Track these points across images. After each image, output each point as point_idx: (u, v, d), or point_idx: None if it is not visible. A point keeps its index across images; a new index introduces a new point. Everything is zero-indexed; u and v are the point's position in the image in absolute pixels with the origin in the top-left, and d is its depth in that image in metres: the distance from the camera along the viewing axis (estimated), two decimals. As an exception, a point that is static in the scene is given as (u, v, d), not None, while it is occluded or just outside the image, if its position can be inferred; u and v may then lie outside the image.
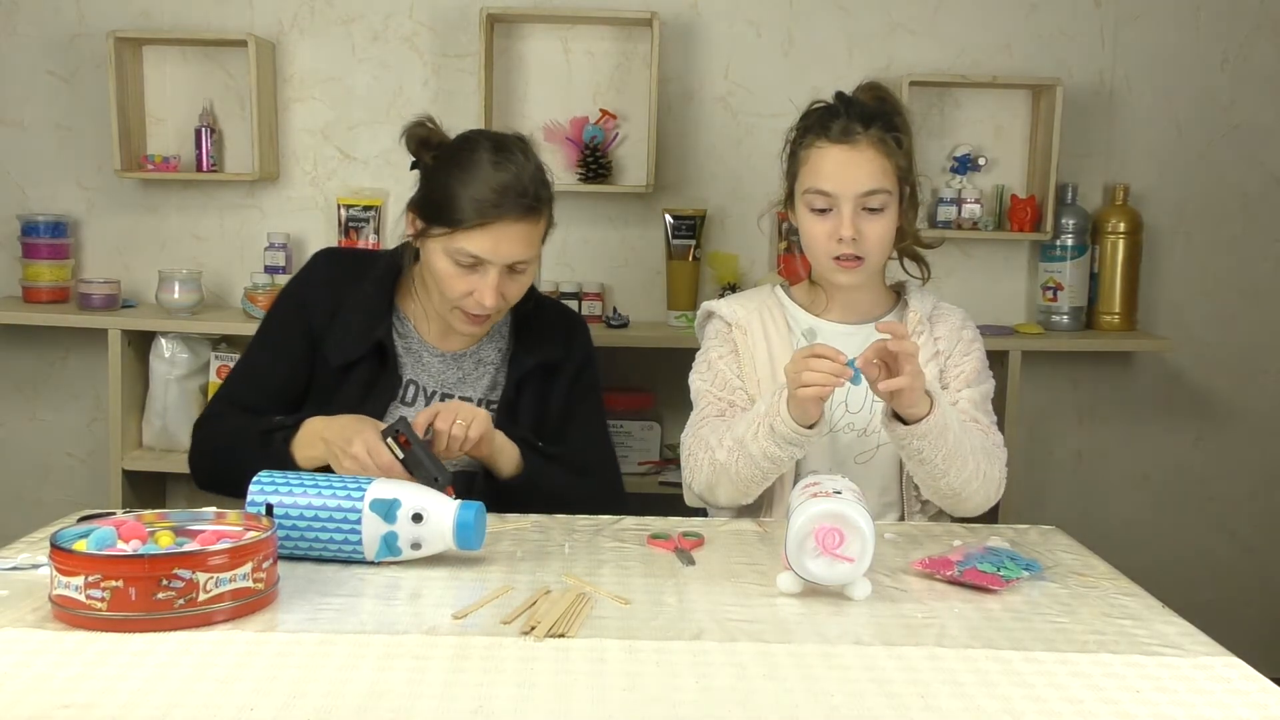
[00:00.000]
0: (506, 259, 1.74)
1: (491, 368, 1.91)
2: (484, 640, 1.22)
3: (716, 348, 1.87)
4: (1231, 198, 3.03)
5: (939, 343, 1.84)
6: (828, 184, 1.74)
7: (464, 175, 1.73)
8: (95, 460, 3.00)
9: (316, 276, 1.91)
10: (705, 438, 1.76)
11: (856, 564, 1.34)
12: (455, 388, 1.88)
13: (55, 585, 1.24)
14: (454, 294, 1.77)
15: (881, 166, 1.74)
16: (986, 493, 1.72)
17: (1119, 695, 1.12)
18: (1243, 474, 3.11)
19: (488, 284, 1.74)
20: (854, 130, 1.74)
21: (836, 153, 1.74)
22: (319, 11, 2.92)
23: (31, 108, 2.94)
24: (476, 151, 1.76)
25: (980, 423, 1.78)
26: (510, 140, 1.80)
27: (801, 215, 1.80)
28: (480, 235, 1.72)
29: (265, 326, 1.94)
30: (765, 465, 1.68)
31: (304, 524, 1.44)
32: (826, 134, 1.76)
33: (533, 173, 1.76)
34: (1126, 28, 2.97)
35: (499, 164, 1.73)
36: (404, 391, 1.86)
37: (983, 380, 1.84)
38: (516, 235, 1.74)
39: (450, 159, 1.77)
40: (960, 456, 1.66)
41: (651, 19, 2.76)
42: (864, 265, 1.77)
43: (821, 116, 1.79)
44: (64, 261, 2.90)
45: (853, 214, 1.73)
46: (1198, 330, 3.06)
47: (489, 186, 1.72)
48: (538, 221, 1.77)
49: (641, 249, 2.98)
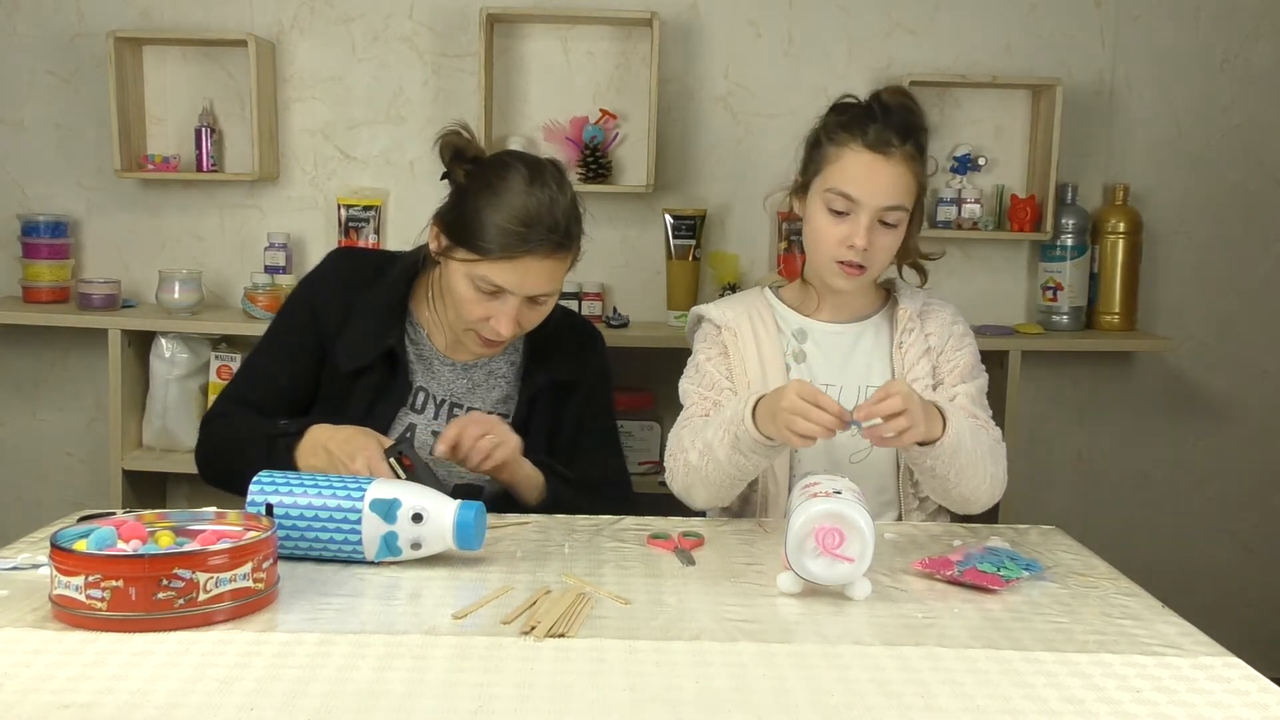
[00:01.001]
0: (530, 292, 1.71)
1: (503, 380, 1.89)
2: (484, 640, 1.22)
3: (705, 350, 1.86)
4: (1231, 198, 3.03)
5: (930, 339, 1.83)
6: (853, 189, 1.71)
7: (496, 201, 1.69)
8: (95, 460, 3.00)
9: (330, 278, 1.88)
10: (683, 439, 1.75)
11: (857, 564, 1.34)
12: (465, 397, 1.86)
13: (55, 585, 1.24)
14: (471, 317, 1.74)
15: (907, 183, 1.72)
16: (993, 493, 1.72)
17: (1119, 695, 1.12)
18: (1243, 474, 3.11)
19: (506, 312, 1.71)
20: (890, 141, 1.71)
21: (869, 160, 1.71)
22: (319, 11, 2.92)
23: (31, 108, 2.94)
24: (510, 178, 1.70)
25: (979, 418, 1.78)
26: (546, 168, 1.75)
27: (815, 211, 1.76)
28: (506, 267, 1.68)
29: (276, 326, 1.91)
30: (732, 471, 1.66)
31: (304, 524, 1.44)
32: (862, 138, 1.71)
33: (566, 207, 1.72)
34: (1126, 28, 2.97)
35: (532, 194, 1.69)
36: (414, 398, 1.84)
37: (977, 374, 1.84)
38: (543, 270, 1.70)
39: (483, 181, 1.72)
40: (973, 466, 1.65)
41: (651, 19, 2.76)
42: (865, 274, 1.76)
43: (859, 117, 1.74)
44: (64, 261, 2.90)
45: (870, 225, 1.71)
46: (1198, 330, 3.06)
47: (520, 219, 1.67)
48: (566, 257, 1.74)
49: (641, 249, 2.98)
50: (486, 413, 1.82)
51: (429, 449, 1.78)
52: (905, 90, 1.82)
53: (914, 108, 1.78)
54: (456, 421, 1.70)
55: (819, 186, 1.75)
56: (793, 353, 1.83)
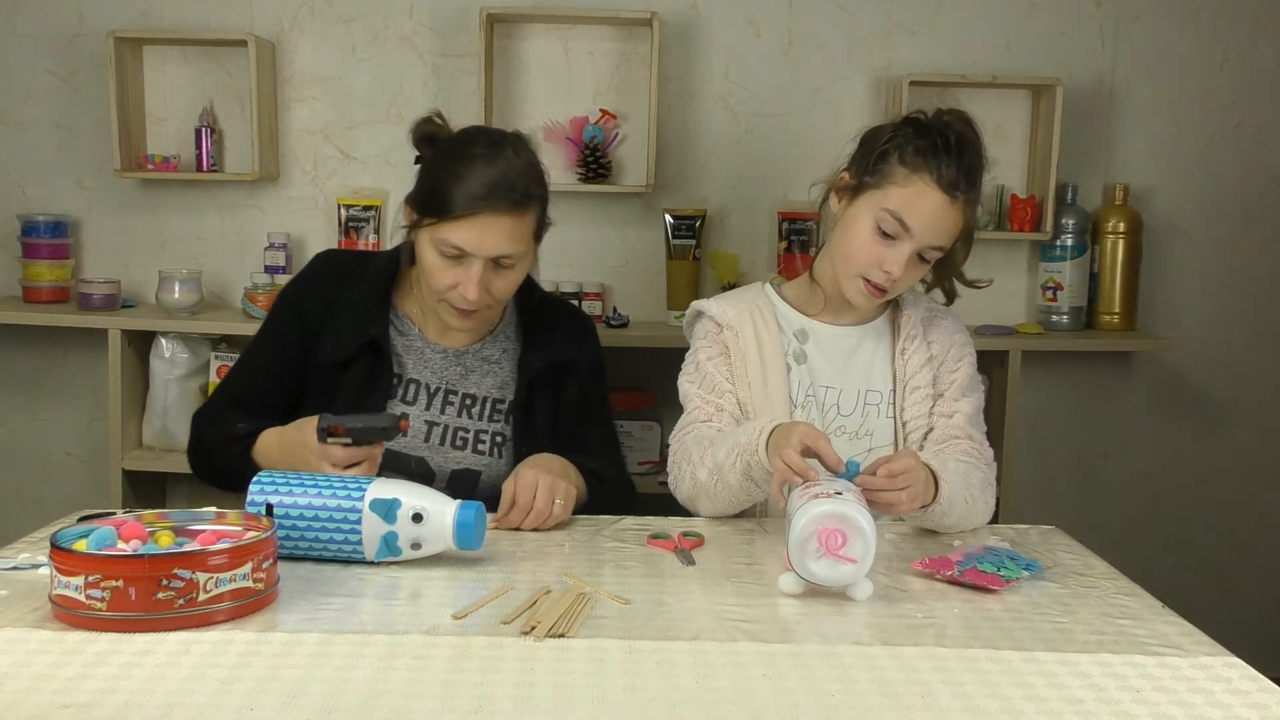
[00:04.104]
0: (490, 252, 1.74)
1: (498, 366, 1.91)
2: (484, 640, 1.22)
3: (705, 349, 1.85)
4: (1231, 198, 3.03)
5: (933, 347, 1.83)
6: (913, 221, 1.68)
7: (455, 168, 1.74)
8: (95, 460, 3.00)
9: (315, 277, 1.93)
10: (689, 450, 1.74)
11: (859, 565, 1.34)
12: (459, 384, 1.88)
13: (55, 585, 1.24)
14: (439, 286, 1.77)
15: (955, 229, 1.72)
16: (981, 522, 1.72)
17: (1119, 695, 1.12)
18: (1243, 474, 3.11)
19: (471, 277, 1.74)
20: (959, 185, 1.68)
21: (937, 199, 1.68)
22: (319, 11, 2.92)
23: (31, 108, 2.94)
24: (471, 146, 1.77)
25: (973, 439, 1.78)
26: (506, 136, 1.81)
27: (860, 221, 1.72)
28: (465, 227, 1.72)
29: (264, 327, 1.96)
30: (741, 496, 1.66)
31: (304, 524, 1.44)
32: (936, 172, 1.67)
33: (523, 168, 1.76)
34: (1126, 28, 2.97)
35: (489, 159, 1.74)
36: (405, 390, 1.85)
37: (975, 389, 1.83)
38: (501, 229, 1.73)
39: (445, 153, 1.79)
40: (965, 518, 1.66)
41: (651, 19, 2.76)
42: (883, 297, 1.77)
43: (935, 145, 1.69)
44: (64, 261, 2.90)
45: (910, 258, 1.70)
46: (1198, 330, 3.06)
47: (477, 180, 1.72)
48: (524, 216, 1.76)
49: (641, 249, 2.98)
50: (482, 401, 1.86)
51: (422, 439, 1.83)
52: (970, 121, 1.76)
53: (981, 148, 1.75)
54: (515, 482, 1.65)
55: (876, 201, 1.71)
56: (793, 353, 1.82)
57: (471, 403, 1.87)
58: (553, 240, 1.92)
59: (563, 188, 2.90)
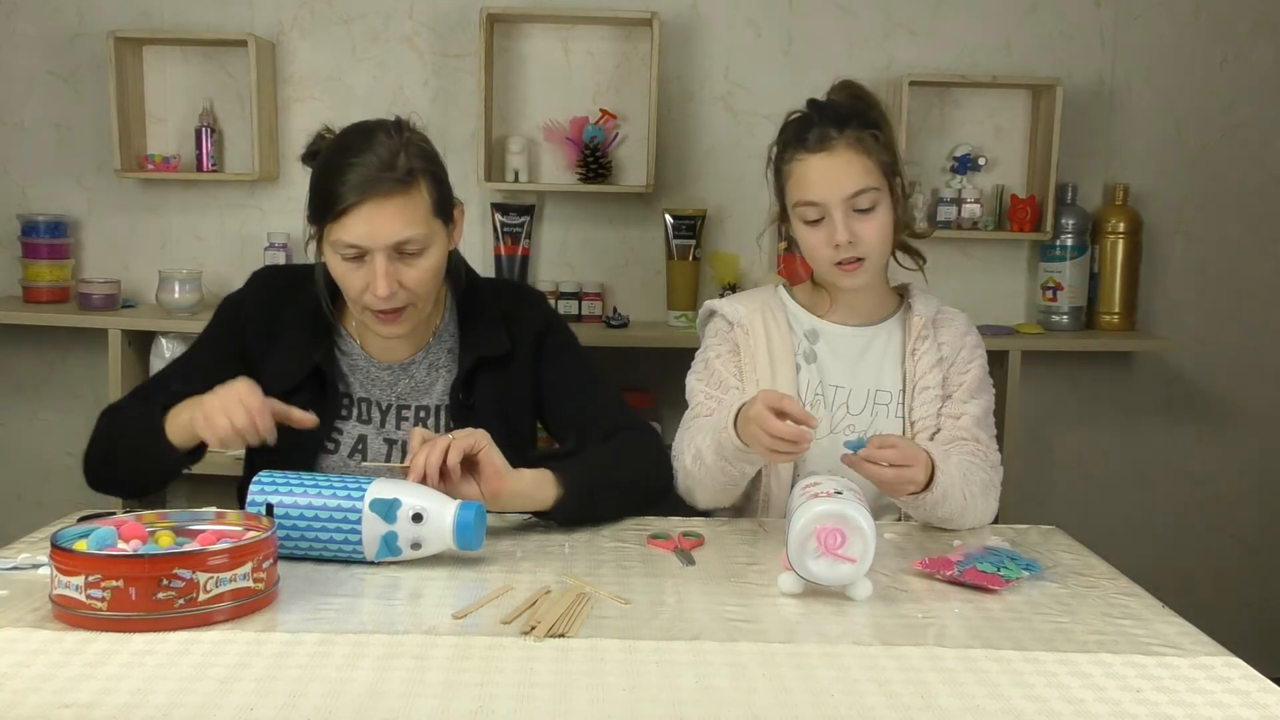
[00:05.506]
0: (386, 240, 1.64)
1: (445, 371, 1.83)
2: (484, 640, 1.22)
3: (715, 347, 1.87)
4: (1231, 198, 3.03)
5: (943, 348, 1.83)
6: (814, 194, 1.74)
7: (332, 167, 1.66)
8: (95, 460, 3.00)
9: (253, 297, 1.84)
10: (683, 442, 1.77)
11: (858, 564, 1.34)
12: (411, 398, 1.81)
13: (55, 585, 1.24)
14: (354, 293, 1.69)
15: (863, 165, 1.74)
16: (979, 523, 1.72)
17: (1119, 695, 1.12)
18: (1243, 474, 3.11)
19: (378, 272, 1.64)
20: (829, 136, 1.74)
21: (816, 162, 1.74)
22: (319, 11, 2.92)
23: (31, 108, 2.95)
24: (344, 141, 1.68)
25: (980, 441, 1.78)
26: (382, 123, 1.70)
27: (797, 228, 1.80)
28: (352, 221, 1.63)
29: (197, 343, 1.87)
30: (720, 477, 1.68)
31: (304, 524, 1.44)
32: (804, 145, 1.76)
33: (396, 148, 1.65)
34: (1126, 28, 2.97)
35: (362, 148, 1.65)
36: (358, 410, 1.79)
37: (984, 391, 1.84)
38: (390, 213, 1.63)
39: (324, 158, 1.70)
40: (960, 513, 1.66)
41: (651, 19, 2.76)
42: (866, 265, 1.77)
43: (797, 128, 1.79)
44: (64, 261, 2.90)
45: (844, 218, 1.73)
46: (1198, 330, 3.06)
47: (353, 170, 1.62)
48: (411, 194, 1.65)
49: (641, 249, 2.98)
50: (433, 409, 1.79)
51: (384, 458, 1.76)
52: (847, 83, 1.84)
53: (856, 92, 1.81)
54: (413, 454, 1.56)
55: (789, 205, 1.80)
56: (804, 353, 1.83)
57: (426, 414, 1.80)
58: (553, 240, 1.92)
59: (563, 188, 2.91)
